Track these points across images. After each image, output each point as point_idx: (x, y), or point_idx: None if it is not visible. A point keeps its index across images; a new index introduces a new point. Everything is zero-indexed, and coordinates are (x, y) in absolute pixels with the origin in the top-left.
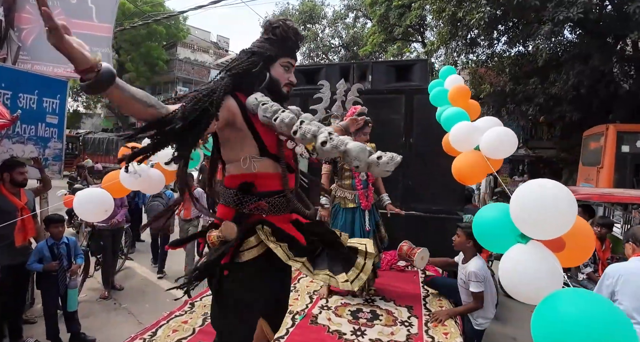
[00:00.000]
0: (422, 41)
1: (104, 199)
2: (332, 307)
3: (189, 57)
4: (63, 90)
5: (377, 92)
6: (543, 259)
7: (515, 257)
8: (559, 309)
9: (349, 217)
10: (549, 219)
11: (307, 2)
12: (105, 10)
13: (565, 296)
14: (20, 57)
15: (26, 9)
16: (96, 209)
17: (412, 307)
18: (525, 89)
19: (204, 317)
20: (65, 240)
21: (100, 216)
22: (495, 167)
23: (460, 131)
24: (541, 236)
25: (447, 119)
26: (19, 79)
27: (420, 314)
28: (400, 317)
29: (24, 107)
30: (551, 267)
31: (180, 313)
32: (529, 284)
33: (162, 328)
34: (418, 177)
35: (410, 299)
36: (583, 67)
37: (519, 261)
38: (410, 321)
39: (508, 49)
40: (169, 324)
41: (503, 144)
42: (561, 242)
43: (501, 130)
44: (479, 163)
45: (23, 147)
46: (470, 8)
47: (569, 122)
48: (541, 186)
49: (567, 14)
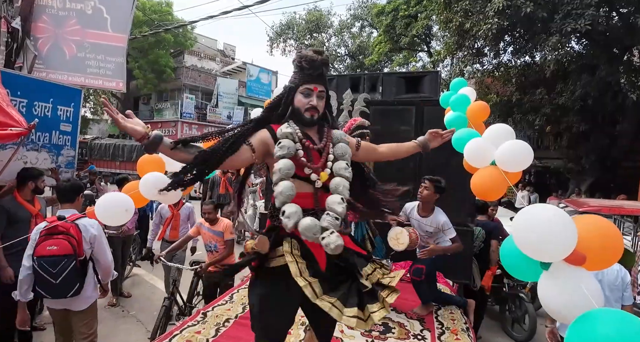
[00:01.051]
0: (428, 51)
1: (124, 201)
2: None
3: (196, 65)
4: (77, 98)
5: (387, 104)
6: (568, 278)
7: (544, 285)
8: (594, 330)
9: None
10: (549, 245)
11: (314, 12)
12: (119, 21)
13: (600, 315)
14: (36, 66)
15: (42, 19)
16: (118, 210)
17: (423, 320)
18: (532, 99)
19: (217, 327)
20: None
21: (122, 217)
22: (513, 181)
23: (473, 149)
24: (549, 259)
25: (457, 140)
26: (34, 88)
27: (433, 327)
28: (413, 330)
29: (39, 115)
30: (579, 282)
31: (193, 323)
32: (566, 305)
33: (176, 338)
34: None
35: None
36: (590, 78)
37: (548, 288)
38: (424, 334)
39: (515, 59)
40: (182, 334)
41: (518, 157)
42: (579, 254)
43: (515, 144)
44: (497, 178)
45: (37, 154)
46: (477, 19)
47: (575, 132)
48: (534, 213)
49: (574, 25)
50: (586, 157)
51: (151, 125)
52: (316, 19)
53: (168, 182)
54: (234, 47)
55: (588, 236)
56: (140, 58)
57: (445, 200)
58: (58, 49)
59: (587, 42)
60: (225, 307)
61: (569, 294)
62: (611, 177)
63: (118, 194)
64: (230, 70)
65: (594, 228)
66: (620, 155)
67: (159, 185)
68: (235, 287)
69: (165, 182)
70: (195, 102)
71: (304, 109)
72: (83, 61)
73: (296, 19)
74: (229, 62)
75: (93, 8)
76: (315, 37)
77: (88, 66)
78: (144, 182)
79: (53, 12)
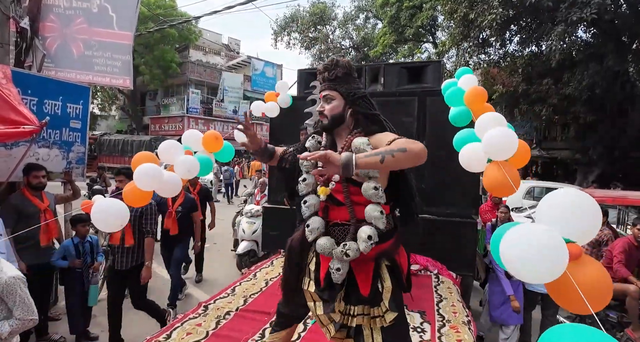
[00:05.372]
0: (434, 41)
1: (121, 213)
2: None
3: (201, 60)
4: (86, 96)
5: (390, 95)
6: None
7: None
8: None
9: None
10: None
11: (318, 4)
12: (125, 19)
13: (565, 332)
14: (45, 64)
15: (49, 18)
16: (112, 222)
17: (424, 313)
18: (539, 89)
19: (217, 320)
20: (89, 238)
21: (114, 228)
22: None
23: (467, 155)
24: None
25: (457, 141)
26: (44, 86)
27: (433, 320)
28: (413, 323)
29: (49, 113)
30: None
31: (194, 316)
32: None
33: (177, 330)
34: (431, 181)
35: (423, 304)
36: (598, 67)
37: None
38: (423, 327)
39: (521, 49)
40: (183, 326)
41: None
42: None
43: (495, 132)
44: (504, 175)
45: (48, 151)
46: (482, 9)
47: (583, 123)
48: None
49: (580, 14)
50: (594, 148)
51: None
52: (320, 12)
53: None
54: (238, 41)
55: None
56: (146, 54)
57: (448, 191)
58: (66, 48)
59: (595, 31)
60: (227, 300)
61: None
62: (619, 168)
63: (116, 204)
64: (235, 64)
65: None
66: (629, 145)
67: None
68: (237, 281)
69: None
70: (201, 97)
71: (317, 115)
72: (90, 59)
73: (300, 11)
74: (233, 56)
75: (99, 6)
76: (319, 29)
77: (95, 64)
78: (138, 174)
79: (60, 11)
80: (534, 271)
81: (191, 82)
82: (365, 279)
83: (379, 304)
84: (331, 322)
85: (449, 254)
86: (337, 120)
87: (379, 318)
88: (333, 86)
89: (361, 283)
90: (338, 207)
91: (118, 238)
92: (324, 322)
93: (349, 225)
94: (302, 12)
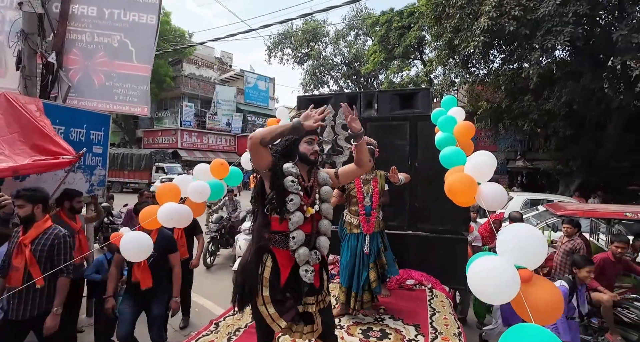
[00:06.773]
0: (422, 59)
1: (147, 245)
2: (344, 326)
3: (194, 73)
4: (107, 123)
5: (383, 119)
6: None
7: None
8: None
9: (353, 243)
10: (495, 291)
11: (310, 22)
12: (144, 53)
13: (520, 332)
14: (69, 94)
15: (73, 52)
16: (140, 254)
17: (419, 326)
18: (521, 105)
19: (229, 337)
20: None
21: (140, 258)
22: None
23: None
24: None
25: (444, 157)
26: (71, 116)
27: (427, 332)
28: (408, 336)
29: (74, 140)
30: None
31: (206, 333)
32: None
33: None
34: (424, 199)
35: (418, 318)
36: (575, 84)
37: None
38: (417, 339)
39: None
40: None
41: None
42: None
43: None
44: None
45: (74, 175)
46: (465, 36)
47: (562, 136)
48: (483, 265)
49: (554, 42)
50: (573, 159)
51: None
52: (312, 29)
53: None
54: (231, 54)
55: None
56: None
57: (440, 209)
58: (88, 79)
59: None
60: (236, 317)
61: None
62: (601, 178)
63: (143, 237)
64: (228, 77)
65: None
66: (607, 157)
67: (173, 216)
68: None
69: (179, 211)
70: (194, 110)
71: (309, 154)
72: (111, 89)
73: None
74: (226, 69)
75: (119, 41)
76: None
77: (115, 94)
78: (161, 214)
79: (82, 45)
80: (494, 293)
81: (185, 95)
82: (317, 274)
83: (322, 291)
84: (281, 318)
85: (442, 269)
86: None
87: (321, 302)
88: (318, 133)
89: (315, 278)
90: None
91: (19, 279)
92: (275, 319)
93: (310, 235)
94: (295, 30)
